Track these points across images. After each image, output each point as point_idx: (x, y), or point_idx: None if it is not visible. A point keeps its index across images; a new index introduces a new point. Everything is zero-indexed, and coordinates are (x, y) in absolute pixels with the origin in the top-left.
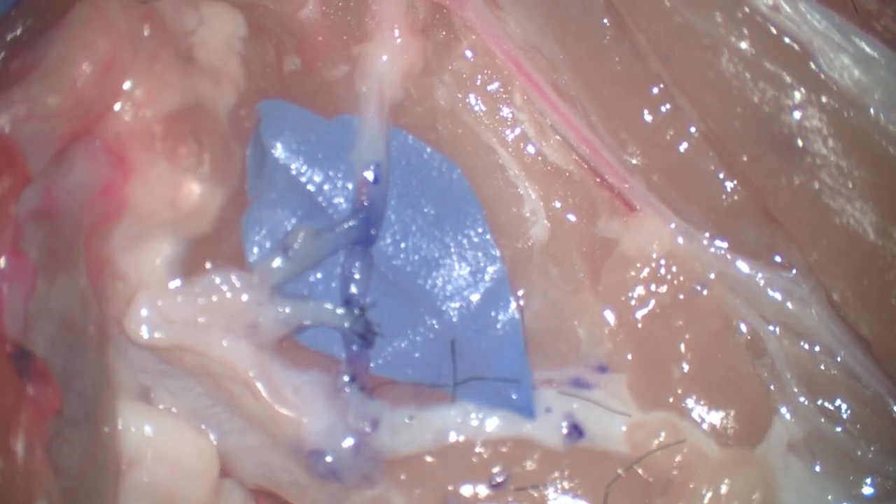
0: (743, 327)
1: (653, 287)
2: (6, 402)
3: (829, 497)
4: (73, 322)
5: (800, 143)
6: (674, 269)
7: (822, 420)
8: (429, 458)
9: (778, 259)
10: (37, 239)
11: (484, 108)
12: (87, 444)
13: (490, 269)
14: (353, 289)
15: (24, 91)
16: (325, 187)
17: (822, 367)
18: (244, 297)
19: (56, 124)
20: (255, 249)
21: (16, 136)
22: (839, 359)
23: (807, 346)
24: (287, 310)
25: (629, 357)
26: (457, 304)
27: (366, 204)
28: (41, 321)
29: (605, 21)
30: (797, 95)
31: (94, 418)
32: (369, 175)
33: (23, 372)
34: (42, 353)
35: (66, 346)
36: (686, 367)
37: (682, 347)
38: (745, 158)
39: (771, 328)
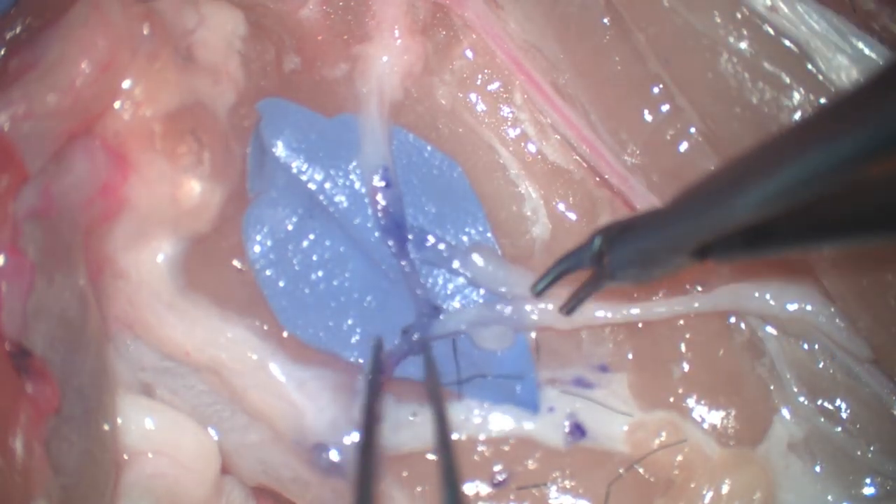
0: (743, 327)
1: (653, 287)
2: (5, 401)
3: (829, 497)
4: (71, 320)
5: None
6: None
7: (822, 420)
8: (431, 456)
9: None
10: (35, 237)
11: (484, 108)
12: (86, 442)
13: None
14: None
15: (23, 90)
16: (326, 185)
17: (822, 367)
18: None
19: (55, 123)
20: (256, 248)
21: (14, 135)
22: (838, 359)
23: (806, 346)
24: None
25: (630, 357)
26: (458, 303)
27: (382, 215)
28: (40, 319)
29: (605, 21)
30: (796, 96)
31: (93, 416)
32: (378, 180)
33: (21, 370)
34: (40, 351)
35: (64, 344)
36: (686, 367)
37: (683, 347)
38: None
39: (770, 328)
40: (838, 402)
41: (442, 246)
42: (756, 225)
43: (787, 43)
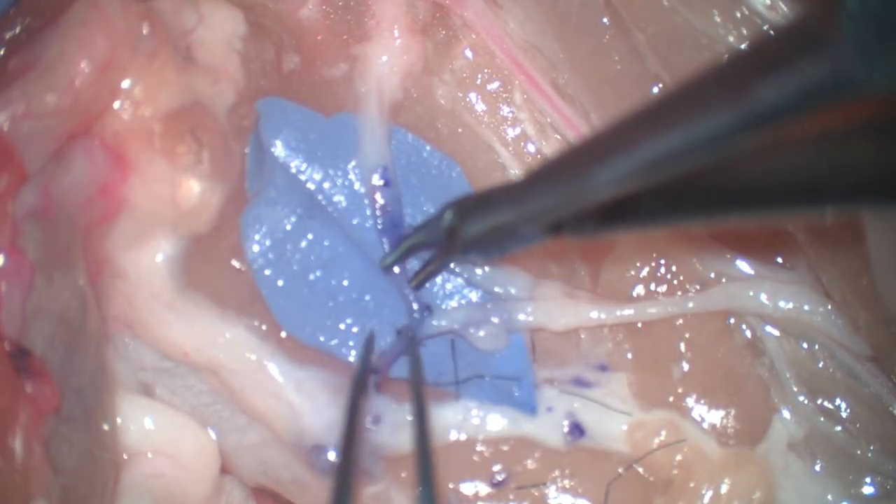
0: (743, 327)
1: (652, 286)
2: (5, 401)
3: (829, 496)
4: (71, 320)
5: None
6: (673, 268)
7: (822, 419)
8: None
9: (778, 258)
10: (34, 237)
11: (484, 107)
12: (86, 442)
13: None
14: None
15: (23, 89)
16: (325, 185)
17: (822, 367)
18: None
19: (54, 123)
20: (255, 247)
21: (13, 135)
22: (838, 358)
23: (806, 346)
24: None
25: (629, 356)
26: (456, 303)
27: (380, 214)
28: (39, 319)
29: (605, 20)
30: None
31: (92, 416)
32: (377, 179)
33: (21, 370)
34: (40, 351)
35: (64, 344)
36: (686, 367)
37: (682, 347)
38: None
39: (770, 328)
40: (838, 401)
41: None
42: (612, 202)
43: None
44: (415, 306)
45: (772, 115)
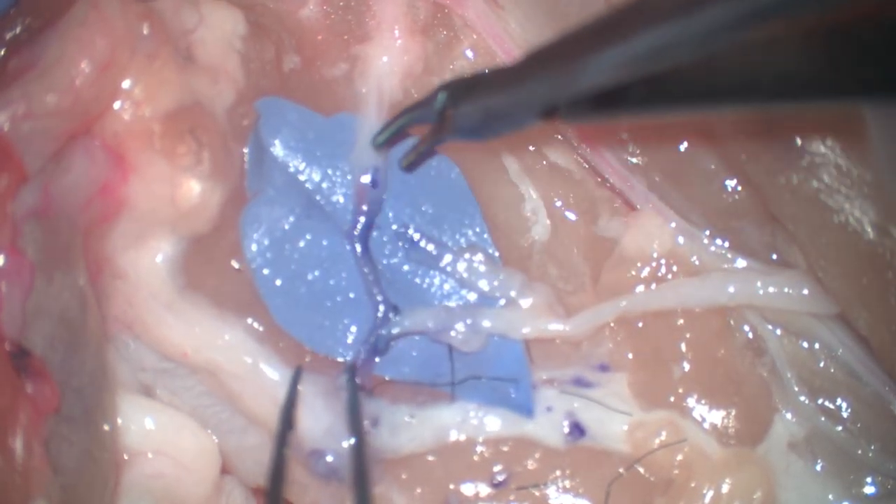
0: (743, 326)
1: (653, 287)
2: (5, 401)
3: (830, 496)
4: (71, 320)
5: (798, 141)
6: (674, 268)
7: (823, 419)
8: (430, 457)
9: (774, 255)
10: (34, 237)
11: None
12: (86, 442)
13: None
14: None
15: (23, 90)
16: (323, 185)
17: (823, 366)
18: None
19: (54, 123)
20: (253, 246)
21: (14, 135)
22: (839, 358)
23: (807, 345)
24: None
25: (630, 356)
26: (454, 304)
27: (364, 208)
28: (39, 319)
29: None
30: None
31: (92, 416)
32: (366, 179)
33: (21, 370)
34: (40, 351)
35: (64, 344)
36: (687, 367)
37: (683, 347)
38: (743, 157)
39: (771, 327)
40: (839, 401)
41: (431, 247)
42: (607, 88)
43: None
44: (381, 308)
45: (772, 10)
